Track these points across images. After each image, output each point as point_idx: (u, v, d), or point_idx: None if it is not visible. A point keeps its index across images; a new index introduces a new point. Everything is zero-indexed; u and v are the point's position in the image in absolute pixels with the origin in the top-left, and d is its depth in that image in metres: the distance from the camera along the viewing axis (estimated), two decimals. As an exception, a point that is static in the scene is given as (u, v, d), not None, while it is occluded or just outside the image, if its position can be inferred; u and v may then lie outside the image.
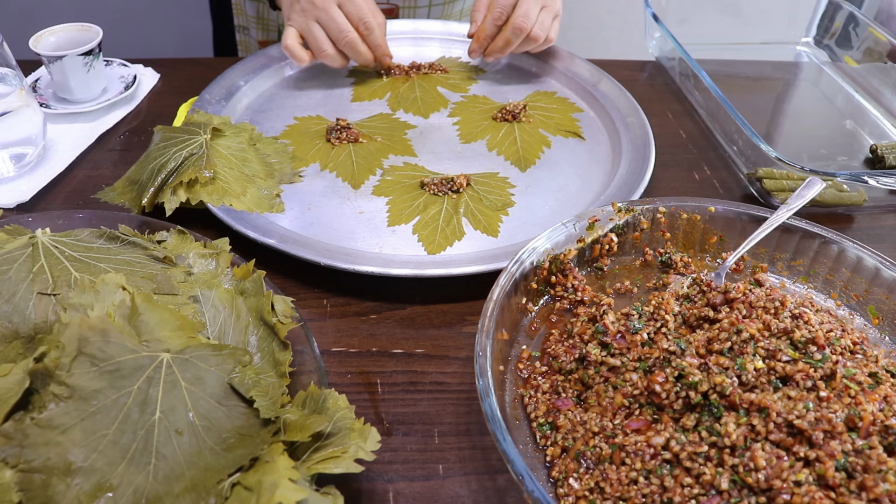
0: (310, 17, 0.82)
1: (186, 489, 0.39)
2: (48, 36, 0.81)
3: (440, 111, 0.87)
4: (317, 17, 0.82)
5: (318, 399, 0.44)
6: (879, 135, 0.91)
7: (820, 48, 1.10)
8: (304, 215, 0.69)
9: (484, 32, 0.87)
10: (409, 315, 0.61)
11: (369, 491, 0.48)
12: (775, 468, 0.41)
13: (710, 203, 0.63)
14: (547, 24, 0.86)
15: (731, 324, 0.49)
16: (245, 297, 0.52)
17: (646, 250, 0.64)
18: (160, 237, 0.57)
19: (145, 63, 0.94)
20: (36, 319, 0.47)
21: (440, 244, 0.66)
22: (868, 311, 0.58)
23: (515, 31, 0.84)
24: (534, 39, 0.86)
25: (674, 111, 0.93)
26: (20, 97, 0.70)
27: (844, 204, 0.75)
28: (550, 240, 0.59)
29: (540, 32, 0.86)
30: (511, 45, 0.86)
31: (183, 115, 0.82)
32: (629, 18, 1.99)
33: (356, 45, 0.84)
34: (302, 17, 0.82)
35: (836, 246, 0.60)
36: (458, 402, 0.54)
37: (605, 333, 0.51)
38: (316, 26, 0.82)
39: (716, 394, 0.45)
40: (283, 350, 0.50)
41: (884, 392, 0.45)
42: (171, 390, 0.42)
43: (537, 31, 0.85)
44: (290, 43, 0.83)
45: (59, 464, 0.38)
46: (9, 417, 0.39)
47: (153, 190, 0.65)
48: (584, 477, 0.45)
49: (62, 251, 0.51)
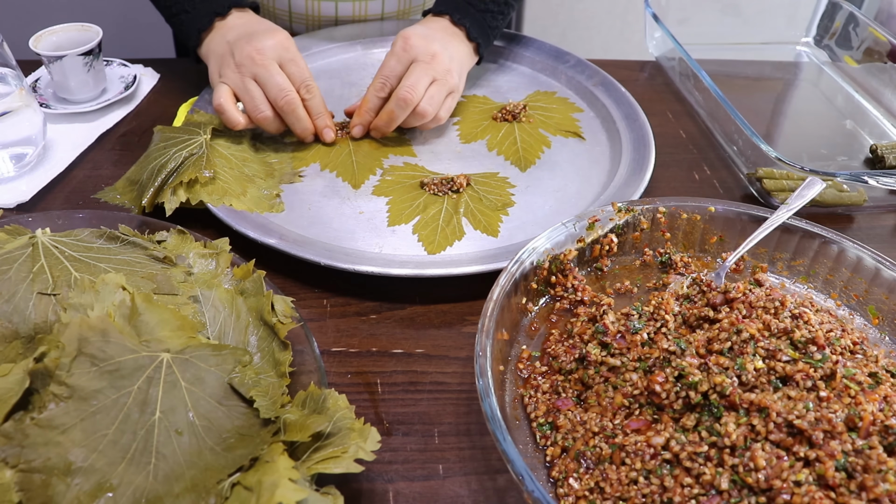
0: (246, 74, 0.73)
1: (186, 489, 0.39)
2: (48, 36, 0.81)
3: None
4: (255, 73, 0.73)
5: (318, 399, 0.44)
6: (879, 135, 0.91)
7: (820, 48, 1.10)
8: (304, 215, 0.69)
9: (366, 105, 0.78)
10: (409, 315, 0.61)
11: (369, 491, 0.48)
12: (775, 468, 0.41)
13: (710, 203, 0.63)
14: (437, 100, 0.76)
15: (731, 324, 0.49)
16: (245, 297, 0.52)
17: (646, 250, 0.64)
18: (160, 237, 0.57)
19: (145, 63, 0.94)
20: (36, 319, 0.47)
21: (440, 244, 0.66)
22: (868, 311, 0.58)
23: (399, 102, 0.74)
24: (420, 115, 0.75)
25: (674, 111, 0.93)
26: (20, 97, 0.70)
27: (844, 204, 0.75)
28: (550, 240, 0.59)
29: (428, 107, 0.75)
30: (395, 119, 0.76)
31: (183, 115, 0.82)
32: (629, 18, 1.99)
33: (296, 108, 0.74)
34: (237, 74, 0.73)
35: (836, 246, 0.60)
36: (458, 402, 0.54)
37: (605, 333, 0.51)
38: (253, 84, 0.73)
39: (716, 394, 0.45)
40: (283, 350, 0.50)
41: (884, 392, 0.45)
42: (171, 390, 0.42)
43: (425, 105, 0.75)
44: (224, 102, 0.72)
45: (59, 464, 0.38)
46: (9, 417, 0.39)
47: (153, 190, 0.65)
48: (584, 477, 0.45)
49: (62, 251, 0.51)
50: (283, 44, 0.74)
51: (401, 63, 0.76)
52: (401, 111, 0.75)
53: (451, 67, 0.77)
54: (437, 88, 0.76)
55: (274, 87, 0.73)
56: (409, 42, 0.76)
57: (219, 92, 0.73)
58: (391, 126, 0.77)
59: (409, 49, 0.75)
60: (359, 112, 0.79)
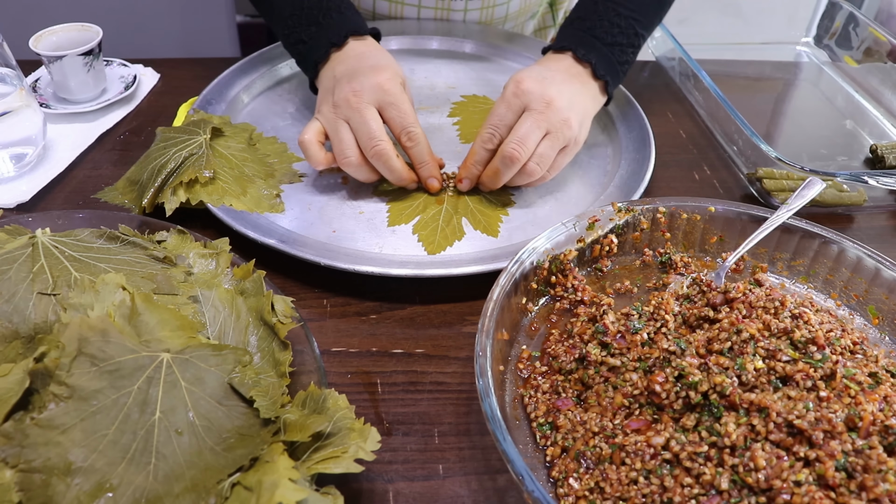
0: (340, 116, 0.67)
1: (186, 489, 0.39)
2: (48, 36, 0.81)
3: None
4: (348, 116, 0.67)
5: (318, 399, 0.44)
6: (879, 135, 0.91)
7: (820, 48, 1.10)
8: (304, 215, 0.69)
9: (473, 157, 0.69)
10: (409, 315, 0.61)
11: (369, 491, 0.48)
12: (775, 468, 0.41)
13: (710, 203, 0.63)
14: (548, 158, 0.67)
15: (731, 324, 0.49)
16: (245, 297, 0.52)
17: (646, 250, 0.64)
18: (160, 237, 0.57)
19: (145, 63, 0.94)
20: (36, 319, 0.47)
21: (440, 244, 0.66)
22: (868, 311, 0.59)
23: (505, 160, 0.65)
24: (528, 174, 0.67)
25: (674, 111, 0.93)
26: (20, 97, 0.70)
27: (844, 204, 0.75)
28: (550, 240, 0.59)
29: (536, 168, 0.66)
30: (501, 177, 0.67)
31: (183, 115, 0.82)
32: (629, 18, 1.98)
33: (388, 158, 0.66)
34: (332, 114, 0.68)
35: (836, 246, 0.60)
36: (458, 402, 0.54)
37: (605, 333, 0.51)
38: (344, 127, 0.67)
39: (716, 394, 0.45)
40: (283, 350, 0.50)
41: (884, 392, 0.45)
42: (171, 390, 0.42)
43: (533, 165, 0.66)
44: (307, 138, 0.68)
45: (59, 464, 0.38)
46: (9, 417, 0.39)
47: (153, 190, 0.65)
48: (584, 477, 0.45)
49: (62, 251, 0.51)
50: (384, 85, 0.67)
51: (511, 110, 0.67)
52: (507, 169, 0.66)
53: (570, 117, 0.67)
54: (550, 143, 0.66)
55: (364, 134, 0.66)
56: (521, 86, 0.67)
57: (308, 127, 0.69)
58: (497, 183, 0.69)
59: (521, 94, 0.67)
60: (465, 165, 0.70)
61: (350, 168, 0.68)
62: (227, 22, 1.69)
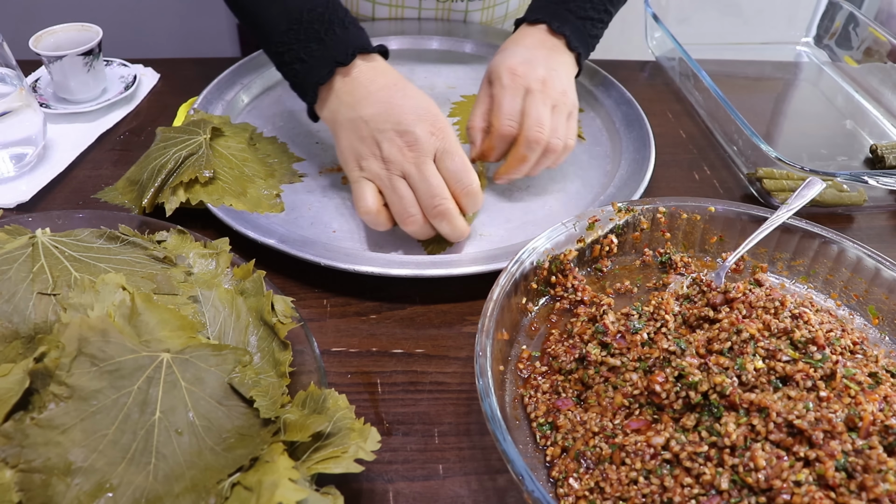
0: (394, 172, 0.61)
1: (186, 489, 0.39)
2: (48, 36, 0.81)
3: None
4: (405, 171, 0.61)
5: (318, 399, 0.44)
6: (879, 135, 0.91)
7: (820, 48, 1.10)
8: (304, 215, 0.69)
9: (493, 152, 0.71)
10: (409, 315, 0.61)
11: (369, 491, 0.48)
12: (775, 468, 0.41)
13: (710, 203, 0.63)
14: (562, 129, 0.69)
15: (731, 324, 0.49)
16: (245, 297, 0.52)
17: (646, 250, 0.64)
18: (160, 237, 0.57)
19: (145, 63, 0.94)
20: (36, 319, 0.46)
21: (440, 244, 0.66)
22: (868, 311, 0.58)
23: (531, 144, 0.67)
24: (552, 151, 0.68)
25: (674, 111, 0.93)
26: (20, 97, 0.70)
27: (844, 204, 0.75)
28: (550, 240, 0.59)
29: (557, 142, 0.68)
30: (527, 163, 0.69)
31: (183, 115, 0.82)
32: (629, 18, 1.97)
33: (452, 218, 0.62)
34: (383, 171, 0.62)
35: (836, 246, 0.60)
36: (458, 402, 0.54)
37: (605, 333, 0.51)
38: (402, 184, 0.61)
39: (716, 394, 0.45)
40: (283, 350, 0.50)
41: (884, 392, 0.45)
42: (171, 390, 0.42)
43: (555, 141, 0.68)
44: (371, 205, 0.62)
45: (59, 464, 0.38)
46: (9, 417, 0.39)
47: (153, 190, 0.65)
48: (584, 477, 0.45)
49: (62, 251, 0.51)
50: (435, 131, 0.62)
51: (518, 97, 0.69)
52: (532, 153, 0.68)
53: (566, 88, 0.71)
54: (558, 116, 0.69)
55: (426, 192, 0.61)
56: (516, 73, 0.69)
57: (361, 194, 0.62)
58: (526, 169, 0.69)
59: (519, 79, 0.69)
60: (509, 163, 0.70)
61: (414, 226, 0.62)
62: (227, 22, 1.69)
